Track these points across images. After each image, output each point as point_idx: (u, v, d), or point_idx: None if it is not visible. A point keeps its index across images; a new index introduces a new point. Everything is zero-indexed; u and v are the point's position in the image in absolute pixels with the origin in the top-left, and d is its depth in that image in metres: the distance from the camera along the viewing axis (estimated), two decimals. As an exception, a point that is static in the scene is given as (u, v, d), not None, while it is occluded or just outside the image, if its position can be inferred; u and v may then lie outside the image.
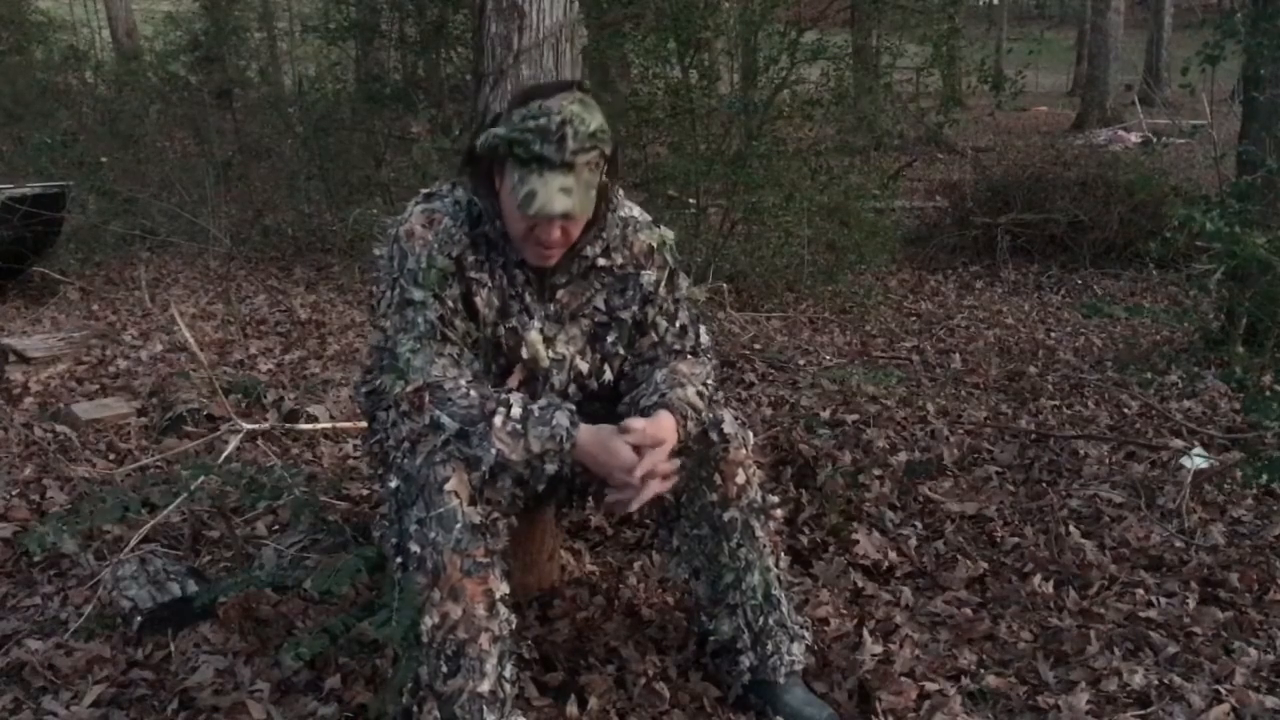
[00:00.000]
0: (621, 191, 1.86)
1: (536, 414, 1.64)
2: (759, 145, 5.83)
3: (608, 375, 1.84)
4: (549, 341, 1.77)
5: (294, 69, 11.12)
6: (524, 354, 1.76)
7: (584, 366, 1.81)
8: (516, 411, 1.63)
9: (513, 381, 1.77)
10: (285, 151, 8.25)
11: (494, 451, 1.60)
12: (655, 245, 1.84)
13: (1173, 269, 5.49)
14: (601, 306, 1.82)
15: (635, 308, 1.83)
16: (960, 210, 7.31)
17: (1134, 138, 11.78)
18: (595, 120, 1.60)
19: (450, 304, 1.70)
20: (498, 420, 1.61)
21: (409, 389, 1.65)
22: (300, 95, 8.57)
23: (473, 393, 1.64)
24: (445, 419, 1.62)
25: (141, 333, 4.81)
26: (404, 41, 8.10)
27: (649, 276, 1.82)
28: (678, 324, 1.87)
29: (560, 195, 1.58)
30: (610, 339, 1.82)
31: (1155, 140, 4.97)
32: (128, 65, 10.81)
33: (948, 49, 6.88)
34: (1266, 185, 3.73)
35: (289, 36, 11.34)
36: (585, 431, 1.65)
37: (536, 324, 1.76)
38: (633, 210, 1.86)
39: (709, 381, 1.81)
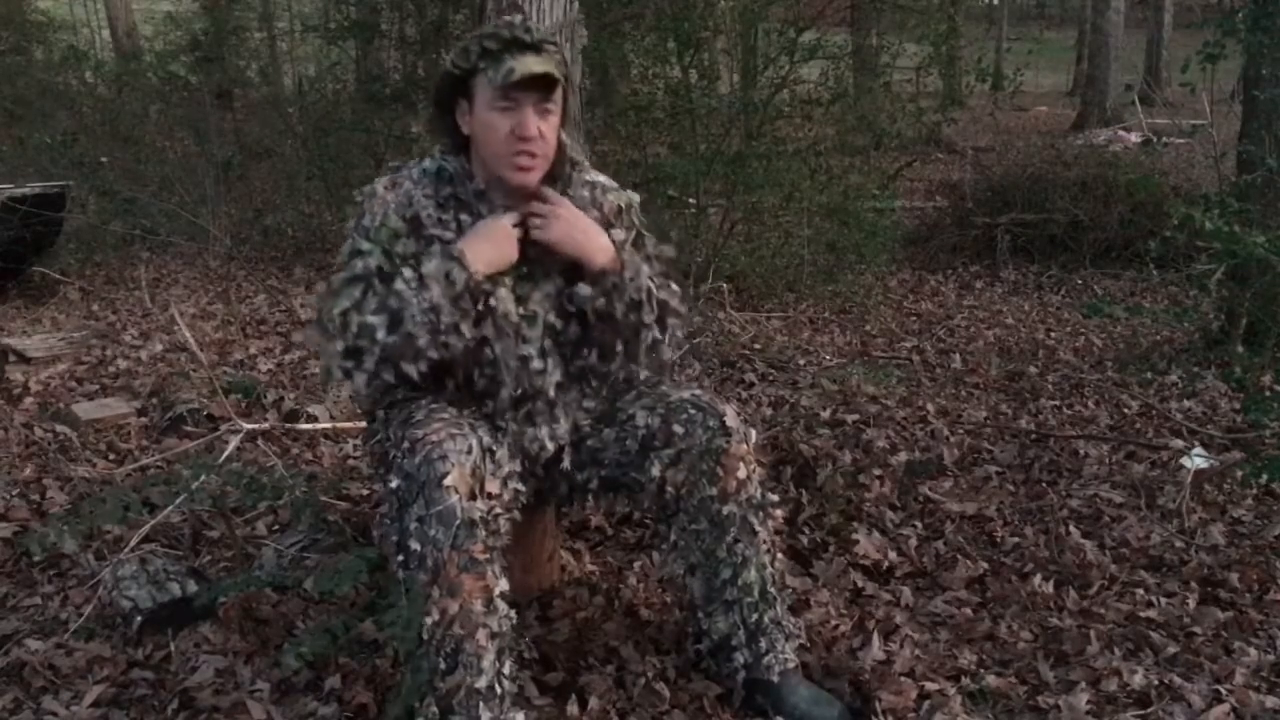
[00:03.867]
0: (587, 162, 1.93)
1: (424, 261, 1.72)
2: (759, 145, 5.83)
3: (575, 328, 1.86)
4: (521, 300, 1.81)
5: (294, 69, 11.10)
6: (493, 304, 1.77)
7: (557, 322, 1.84)
8: (409, 273, 1.70)
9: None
10: (285, 151, 8.24)
11: (424, 338, 1.67)
12: (623, 206, 1.91)
13: (1173, 269, 5.47)
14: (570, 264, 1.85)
15: None
16: (960, 210, 7.31)
17: (1134, 138, 11.75)
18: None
19: (396, 261, 1.76)
20: (399, 283, 1.69)
21: (336, 311, 1.72)
22: (300, 95, 8.57)
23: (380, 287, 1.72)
24: (369, 318, 1.69)
25: (141, 333, 4.81)
26: (404, 41, 8.10)
27: (618, 235, 1.87)
28: None
29: (537, 63, 1.68)
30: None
31: (1155, 140, 4.97)
32: (128, 65, 10.80)
33: (947, 48, 6.87)
34: (1266, 184, 3.74)
35: (289, 36, 11.31)
36: (464, 240, 1.74)
37: (508, 280, 1.79)
38: (599, 176, 1.93)
39: (667, 280, 1.89)
